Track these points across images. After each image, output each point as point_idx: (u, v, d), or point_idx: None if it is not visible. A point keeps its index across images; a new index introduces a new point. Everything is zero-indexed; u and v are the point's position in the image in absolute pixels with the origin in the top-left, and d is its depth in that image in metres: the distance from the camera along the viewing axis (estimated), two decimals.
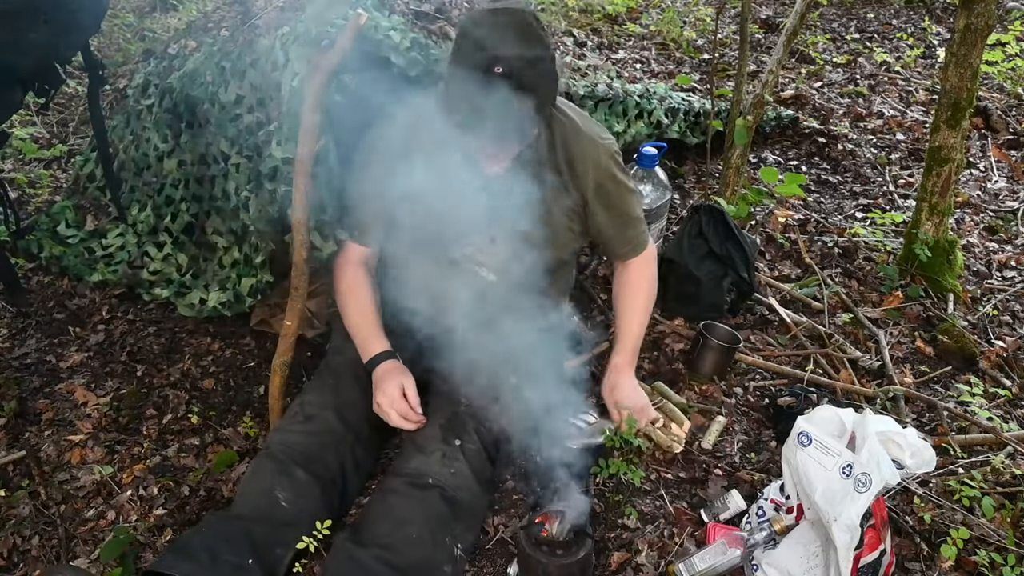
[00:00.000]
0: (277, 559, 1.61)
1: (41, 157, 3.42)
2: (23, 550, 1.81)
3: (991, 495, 1.89)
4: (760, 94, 2.98)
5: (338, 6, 1.97)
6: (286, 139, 1.97)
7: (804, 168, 3.75)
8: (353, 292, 1.93)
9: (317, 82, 1.69)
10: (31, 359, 2.37)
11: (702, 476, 2.01)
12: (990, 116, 4.13)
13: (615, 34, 5.21)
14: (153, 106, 2.50)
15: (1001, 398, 2.32)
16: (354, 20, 1.65)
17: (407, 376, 1.84)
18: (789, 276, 2.91)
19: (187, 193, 2.42)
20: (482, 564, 1.76)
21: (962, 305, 2.75)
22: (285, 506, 1.65)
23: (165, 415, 2.19)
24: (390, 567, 1.51)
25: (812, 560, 1.61)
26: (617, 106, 3.06)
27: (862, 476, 1.50)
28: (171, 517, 1.90)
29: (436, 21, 2.31)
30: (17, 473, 2.00)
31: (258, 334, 2.46)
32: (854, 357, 2.44)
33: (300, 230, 1.80)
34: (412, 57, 2.03)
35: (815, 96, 4.45)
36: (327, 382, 1.92)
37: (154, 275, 2.48)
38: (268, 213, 2.09)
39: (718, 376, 2.34)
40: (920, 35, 5.49)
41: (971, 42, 2.50)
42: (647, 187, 2.84)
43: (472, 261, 1.87)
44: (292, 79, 1.96)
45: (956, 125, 2.62)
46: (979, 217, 3.37)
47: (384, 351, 1.87)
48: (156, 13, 4.59)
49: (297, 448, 1.75)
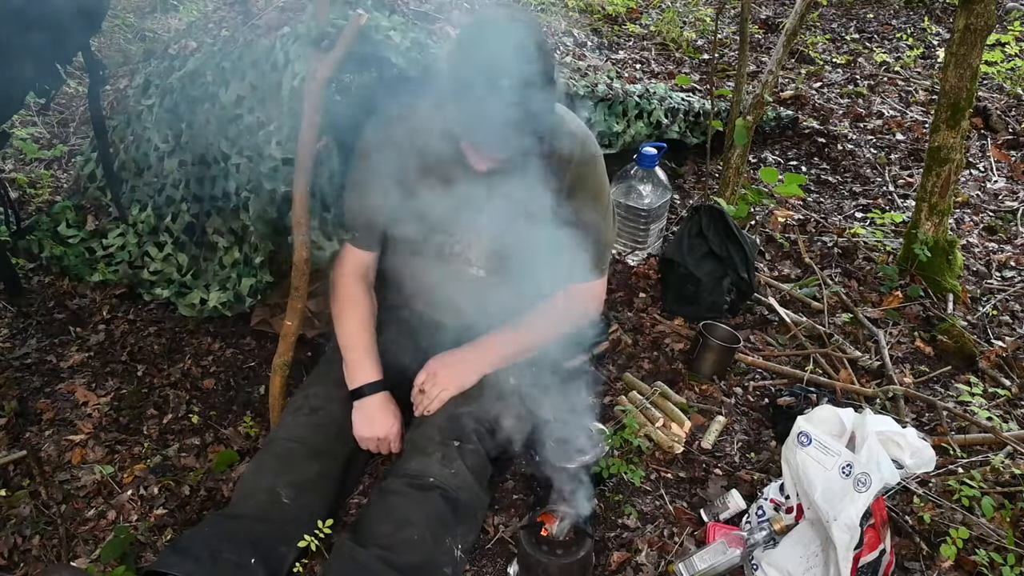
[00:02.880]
0: (281, 557, 1.61)
1: (42, 157, 3.43)
2: (24, 550, 1.81)
3: (991, 495, 1.90)
4: (760, 94, 2.98)
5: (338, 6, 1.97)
6: (286, 139, 1.97)
7: (804, 168, 3.75)
8: (352, 307, 1.89)
9: (317, 82, 1.69)
10: (32, 359, 2.37)
11: (702, 476, 2.01)
12: (990, 116, 4.14)
13: (615, 34, 5.21)
14: (154, 106, 2.50)
15: (1000, 398, 2.32)
16: (354, 20, 1.65)
17: (397, 413, 1.85)
18: (789, 276, 2.91)
19: (187, 193, 2.42)
20: (482, 564, 1.77)
21: (962, 305, 2.75)
22: (287, 503, 1.65)
23: (166, 415, 2.19)
24: (391, 567, 1.51)
25: (812, 560, 1.61)
26: (617, 106, 3.06)
27: (862, 476, 1.50)
28: (171, 517, 1.90)
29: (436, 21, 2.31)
30: (18, 473, 2.00)
31: (258, 334, 2.46)
32: (854, 357, 2.44)
33: (300, 230, 1.80)
34: (412, 57, 2.03)
35: (815, 96, 4.46)
36: (331, 375, 1.91)
37: (155, 275, 2.48)
38: (268, 213, 2.09)
39: (718, 376, 2.34)
40: (920, 35, 5.49)
41: (971, 42, 2.51)
42: (647, 187, 2.85)
43: (461, 258, 1.87)
44: (292, 79, 1.97)
45: (956, 125, 2.63)
46: (979, 217, 3.37)
47: (375, 380, 1.83)
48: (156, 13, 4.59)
49: (304, 440, 1.75)
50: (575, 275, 1.85)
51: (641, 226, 2.87)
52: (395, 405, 1.86)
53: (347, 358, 1.87)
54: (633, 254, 2.93)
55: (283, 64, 2.03)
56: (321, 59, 1.67)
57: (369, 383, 1.83)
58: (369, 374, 1.84)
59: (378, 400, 1.83)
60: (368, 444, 1.84)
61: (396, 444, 1.85)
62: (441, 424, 1.77)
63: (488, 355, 1.86)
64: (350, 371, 1.85)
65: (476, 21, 1.69)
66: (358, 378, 1.83)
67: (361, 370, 1.84)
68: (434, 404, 1.80)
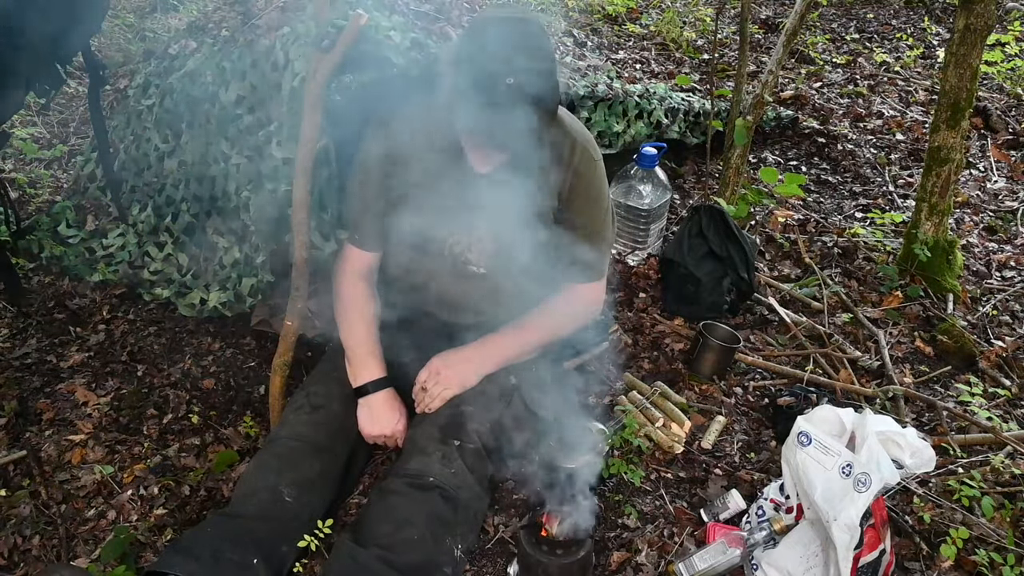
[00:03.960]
0: (283, 557, 1.62)
1: (42, 157, 3.42)
2: (24, 550, 1.81)
3: (991, 495, 1.90)
4: (760, 94, 2.98)
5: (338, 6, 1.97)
6: (286, 139, 1.97)
7: (804, 168, 3.75)
8: (355, 306, 1.90)
9: (317, 82, 1.69)
10: (32, 359, 2.37)
11: (702, 476, 2.01)
12: (990, 116, 4.14)
13: (615, 34, 5.21)
14: (154, 106, 2.50)
15: (1000, 398, 2.32)
16: (354, 20, 1.65)
17: (402, 409, 1.86)
18: (789, 276, 2.91)
19: (187, 193, 2.42)
20: (482, 564, 1.77)
21: (962, 305, 2.75)
22: (289, 501, 1.65)
23: (165, 415, 2.19)
24: (391, 567, 1.52)
25: (812, 560, 1.61)
26: (617, 106, 3.06)
27: (862, 476, 1.50)
28: (172, 517, 1.90)
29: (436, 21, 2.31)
30: (18, 473, 2.00)
31: (258, 334, 2.46)
32: (854, 357, 2.44)
33: (300, 230, 1.80)
34: (412, 57, 2.03)
35: (815, 96, 4.46)
36: (332, 373, 1.92)
37: (155, 275, 2.48)
38: (268, 213, 2.09)
39: (718, 376, 2.34)
40: (920, 35, 5.50)
41: (971, 42, 2.51)
42: (647, 187, 2.85)
43: (462, 257, 1.87)
44: (292, 79, 1.97)
45: (956, 125, 2.63)
46: (979, 217, 3.37)
47: (381, 377, 1.85)
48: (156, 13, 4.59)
49: (305, 439, 1.76)
50: (575, 276, 1.85)
51: (641, 226, 2.87)
52: (399, 402, 1.87)
53: (351, 356, 1.87)
54: (633, 254, 2.93)
55: (283, 64, 2.03)
56: (321, 59, 1.67)
57: (374, 380, 1.83)
58: (373, 371, 1.84)
59: (383, 397, 1.83)
60: (374, 440, 1.86)
61: (402, 440, 1.86)
62: (442, 424, 1.77)
63: (490, 355, 1.86)
64: (354, 369, 1.86)
65: (482, 17, 1.70)
66: (362, 375, 1.84)
67: (365, 367, 1.85)
68: (436, 403, 1.80)
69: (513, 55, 1.49)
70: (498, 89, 1.47)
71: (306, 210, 1.78)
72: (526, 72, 1.48)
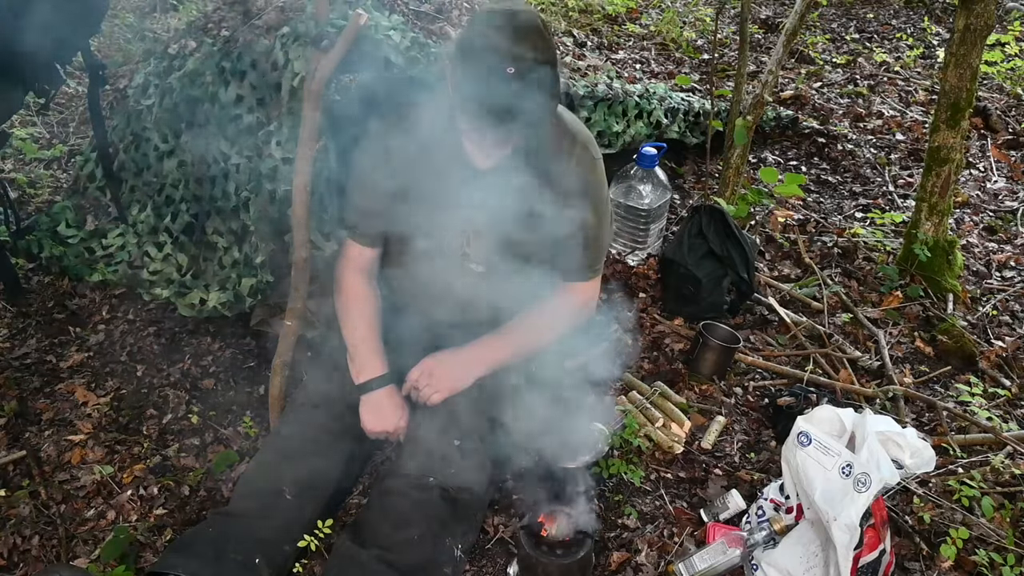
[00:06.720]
0: (285, 556, 1.61)
1: (41, 157, 3.42)
2: (23, 550, 1.81)
3: (991, 495, 1.90)
4: (760, 94, 2.98)
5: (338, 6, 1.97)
6: (286, 139, 1.97)
7: (804, 168, 3.75)
8: (356, 302, 1.89)
9: (317, 82, 1.69)
10: (31, 359, 2.37)
11: (702, 476, 2.01)
12: (989, 116, 4.14)
13: (615, 34, 5.21)
14: (153, 106, 2.50)
15: (1000, 398, 2.32)
16: (354, 20, 1.65)
17: (404, 405, 1.85)
18: (789, 276, 2.91)
19: (187, 193, 2.42)
20: (482, 564, 1.77)
21: (962, 305, 2.75)
22: (290, 499, 1.65)
23: (165, 415, 2.19)
24: (391, 567, 1.51)
25: (812, 560, 1.61)
26: (617, 106, 3.06)
27: (862, 476, 1.50)
28: (171, 517, 1.90)
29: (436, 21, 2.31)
30: (17, 473, 2.00)
31: (258, 334, 2.46)
32: (854, 357, 2.44)
33: (300, 230, 1.80)
34: (412, 57, 2.03)
35: (815, 96, 4.46)
36: (332, 372, 1.92)
37: (154, 275, 2.48)
38: (268, 213, 2.09)
39: (718, 376, 2.34)
40: (920, 35, 5.50)
41: (971, 42, 2.51)
42: (647, 187, 2.85)
43: (460, 254, 1.87)
44: (292, 79, 1.97)
45: (956, 125, 2.63)
46: (979, 217, 3.37)
47: (382, 374, 1.84)
48: (156, 13, 4.59)
49: (306, 437, 1.76)
50: (570, 274, 1.85)
51: (641, 226, 2.87)
52: (401, 398, 1.86)
53: (353, 352, 1.87)
54: (633, 254, 2.92)
55: (283, 64, 2.03)
56: (321, 59, 1.67)
57: (376, 377, 1.83)
58: (375, 368, 1.84)
59: (385, 393, 1.83)
60: (376, 436, 1.85)
61: (404, 436, 1.85)
62: (442, 424, 1.77)
63: (484, 357, 1.86)
64: (356, 365, 1.86)
65: (483, 9, 1.70)
66: (365, 372, 1.84)
67: (368, 364, 1.84)
68: (431, 401, 1.81)
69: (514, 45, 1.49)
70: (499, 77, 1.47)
71: (306, 210, 1.78)
72: (527, 61, 1.48)
